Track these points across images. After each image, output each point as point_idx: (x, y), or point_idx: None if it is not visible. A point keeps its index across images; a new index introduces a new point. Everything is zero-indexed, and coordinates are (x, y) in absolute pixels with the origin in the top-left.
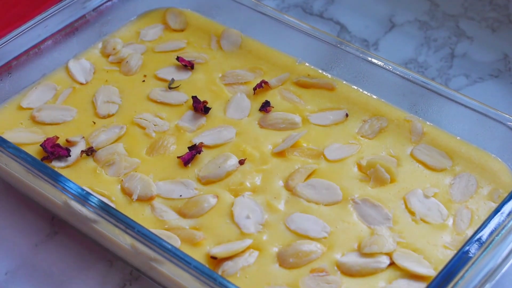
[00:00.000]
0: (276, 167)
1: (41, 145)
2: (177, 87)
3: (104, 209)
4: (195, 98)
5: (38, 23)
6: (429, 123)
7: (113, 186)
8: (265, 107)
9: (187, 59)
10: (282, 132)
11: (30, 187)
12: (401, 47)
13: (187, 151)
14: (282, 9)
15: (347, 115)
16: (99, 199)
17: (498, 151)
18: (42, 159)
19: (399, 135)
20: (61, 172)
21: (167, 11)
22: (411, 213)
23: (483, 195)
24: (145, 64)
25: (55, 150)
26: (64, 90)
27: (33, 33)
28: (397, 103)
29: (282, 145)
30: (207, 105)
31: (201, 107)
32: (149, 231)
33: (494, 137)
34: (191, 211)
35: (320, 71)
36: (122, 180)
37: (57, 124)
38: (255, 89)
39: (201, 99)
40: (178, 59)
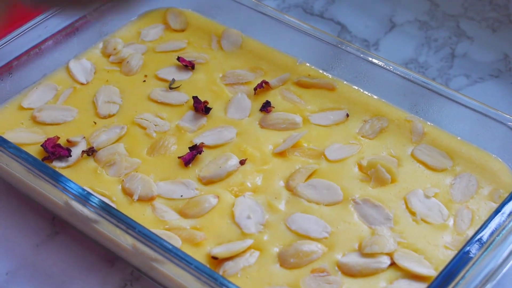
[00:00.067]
0: (276, 167)
1: (42, 145)
2: (178, 87)
3: (105, 209)
4: (195, 98)
5: (38, 23)
6: (429, 123)
7: (114, 186)
8: (266, 107)
9: (187, 59)
10: (282, 132)
11: (31, 187)
12: (402, 47)
13: (188, 151)
14: (282, 9)
15: (347, 115)
16: (100, 199)
17: (498, 151)
18: (43, 159)
19: (400, 135)
20: (62, 172)
21: (167, 11)
22: (412, 213)
23: (484, 195)
24: (146, 64)
25: (56, 150)
26: (64, 90)
27: (34, 33)
28: (398, 103)
29: (282, 145)
30: (208, 105)
31: (201, 107)
32: (150, 231)
33: (494, 137)
34: (192, 211)
35: (320, 71)
36: (123, 180)
37: (58, 124)
38: (256, 89)
39: (202, 99)
40: (178, 59)
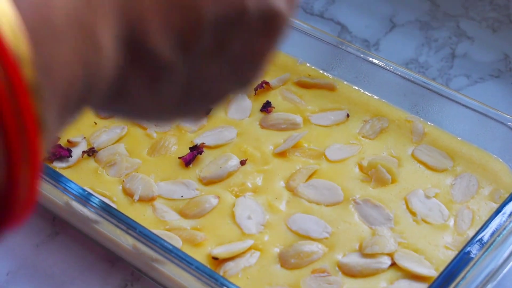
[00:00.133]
0: (277, 167)
1: None
2: None
3: (105, 209)
4: None
5: None
6: (430, 123)
7: (115, 186)
8: (266, 107)
9: None
10: (283, 132)
11: None
12: (402, 47)
13: (188, 151)
14: None
15: (348, 116)
16: (101, 200)
17: (499, 152)
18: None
19: (400, 136)
20: (62, 172)
21: None
22: (412, 214)
23: (484, 195)
24: None
25: (56, 150)
26: None
27: None
28: (398, 104)
29: (283, 145)
30: None
31: None
32: (151, 232)
33: (495, 138)
34: (192, 211)
35: (321, 71)
36: (123, 180)
37: None
38: (256, 89)
39: None
40: None
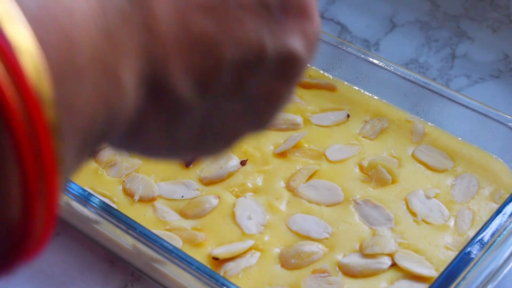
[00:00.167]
0: (277, 167)
1: None
2: None
3: (105, 209)
4: None
5: None
6: (430, 123)
7: (115, 186)
8: None
9: None
10: (283, 132)
11: None
12: (402, 47)
13: None
14: None
15: (348, 116)
16: (101, 200)
17: (499, 152)
18: None
19: (401, 136)
20: None
21: None
22: (413, 214)
23: (485, 195)
24: None
25: None
26: None
27: None
28: (398, 104)
29: (283, 145)
30: None
31: None
32: (151, 232)
33: (495, 138)
34: (192, 212)
35: (321, 71)
36: (123, 180)
37: None
38: None
39: None
40: None
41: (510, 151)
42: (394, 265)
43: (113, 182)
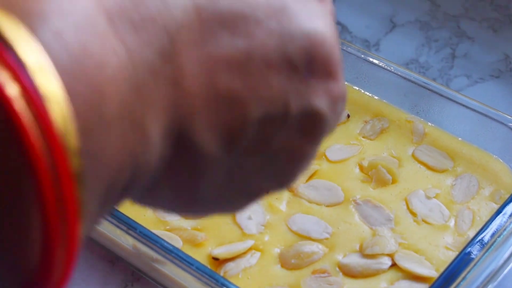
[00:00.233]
0: None
1: None
2: None
3: None
4: None
5: None
6: (430, 124)
7: None
8: None
9: None
10: None
11: None
12: (402, 47)
13: None
14: None
15: (348, 116)
16: None
17: (499, 152)
18: None
19: (401, 136)
20: None
21: None
22: (413, 214)
23: (485, 196)
24: None
25: None
26: None
27: None
28: (399, 104)
29: None
30: None
31: None
32: (151, 232)
33: (495, 138)
34: None
35: None
36: None
37: None
38: None
39: None
40: None
41: (510, 151)
42: (394, 265)
43: None
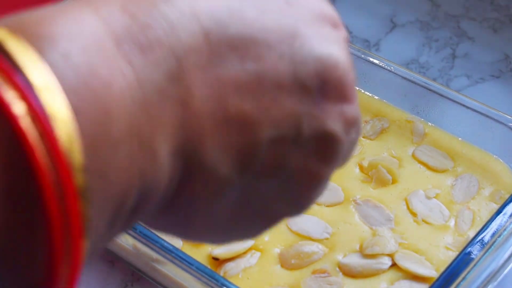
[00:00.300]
0: None
1: None
2: None
3: None
4: None
5: None
6: (430, 124)
7: None
8: None
9: None
10: None
11: None
12: (403, 47)
13: None
14: None
15: None
16: None
17: (499, 152)
18: None
19: (401, 136)
20: None
21: None
22: (413, 214)
23: (485, 196)
24: None
25: None
26: None
27: None
28: (399, 104)
29: None
30: None
31: None
32: (151, 232)
33: (495, 138)
34: None
35: None
36: None
37: None
38: None
39: None
40: None
41: (510, 151)
42: (394, 265)
43: None
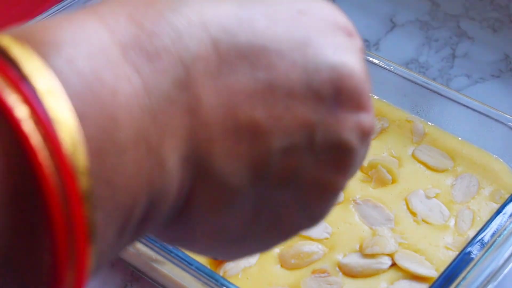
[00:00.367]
0: None
1: None
2: None
3: None
4: None
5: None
6: (430, 123)
7: None
8: None
9: None
10: None
11: None
12: (402, 47)
13: None
14: None
15: None
16: None
17: (499, 152)
18: None
19: (401, 136)
20: None
21: None
22: (413, 214)
23: (485, 195)
24: None
25: None
26: None
27: None
28: (399, 104)
29: None
30: None
31: None
32: None
33: (495, 138)
34: None
35: None
36: None
37: None
38: None
39: None
40: None
41: (510, 151)
42: (394, 265)
43: None
